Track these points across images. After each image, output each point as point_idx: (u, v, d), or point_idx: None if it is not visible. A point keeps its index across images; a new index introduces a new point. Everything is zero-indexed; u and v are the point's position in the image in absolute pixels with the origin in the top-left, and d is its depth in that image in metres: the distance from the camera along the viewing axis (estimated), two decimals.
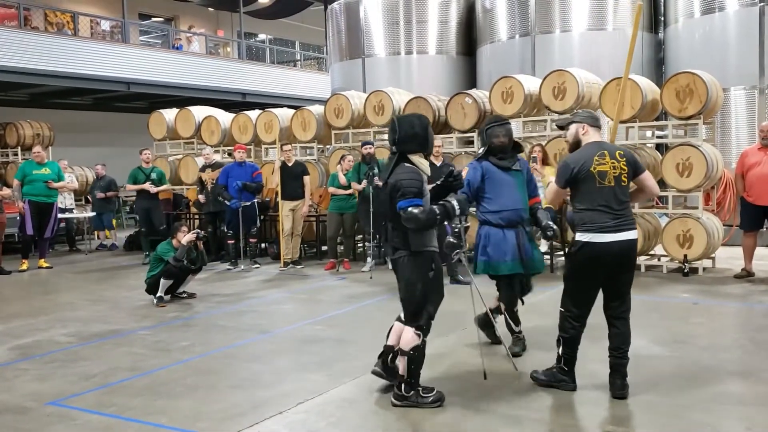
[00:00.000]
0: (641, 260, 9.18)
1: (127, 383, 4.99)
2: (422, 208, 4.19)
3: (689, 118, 8.81)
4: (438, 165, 8.17)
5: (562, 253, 9.42)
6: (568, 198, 9.47)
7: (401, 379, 4.34)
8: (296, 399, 4.53)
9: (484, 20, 14.53)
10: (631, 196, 4.47)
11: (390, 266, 9.49)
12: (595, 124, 4.50)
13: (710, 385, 4.60)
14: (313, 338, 6.16)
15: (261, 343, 6.07)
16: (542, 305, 6.50)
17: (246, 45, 24.10)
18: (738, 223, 8.89)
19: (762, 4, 11.17)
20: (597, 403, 4.33)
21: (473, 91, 10.63)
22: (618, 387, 4.36)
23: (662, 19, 13.37)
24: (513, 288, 5.35)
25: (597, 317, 4.53)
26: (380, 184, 9.02)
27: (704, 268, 8.84)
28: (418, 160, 4.41)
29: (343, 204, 9.97)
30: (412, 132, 4.37)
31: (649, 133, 10.29)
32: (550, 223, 5.30)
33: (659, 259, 9.36)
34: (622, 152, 4.39)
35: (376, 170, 9.65)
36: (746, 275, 8.37)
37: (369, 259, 9.79)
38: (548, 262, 9.34)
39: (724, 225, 9.49)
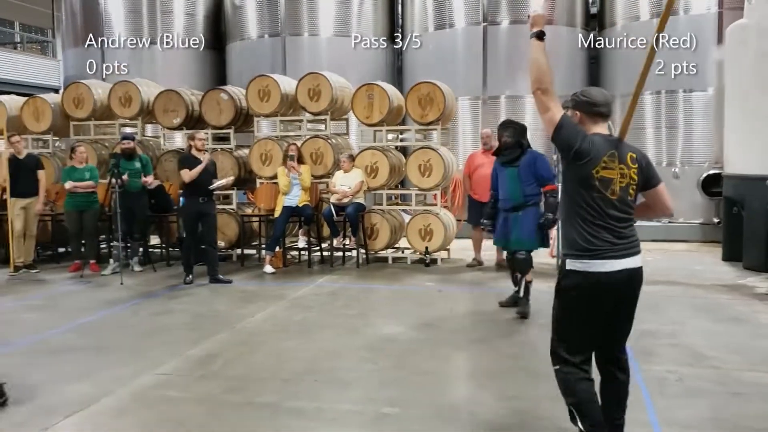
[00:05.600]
0: (389, 252, 9.92)
1: None
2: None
3: (430, 123, 9.71)
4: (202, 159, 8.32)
5: (317, 248, 9.80)
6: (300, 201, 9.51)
7: None
8: (62, 412, 4.16)
9: (233, 16, 14.41)
10: (636, 211, 3.36)
11: (135, 269, 9.06)
12: (591, 110, 3.33)
13: (462, 361, 5.19)
14: (67, 347, 5.67)
15: (3, 357, 5.42)
16: (304, 299, 6.73)
17: None
18: (466, 218, 10.00)
19: (485, 23, 12.67)
20: None
21: (229, 88, 10.52)
22: None
23: (401, 31, 14.43)
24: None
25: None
26: (122, 180, 8.62)
27: (442, 259, 9.80)
28: None
29: (82, 201, 9.23)
30: None
31: (392, 136, 11.09)
32: (549, 214, 6.57)
33: (403, 252, 10.17)
34: (635, 155, 3.30)
35: (137, 165, 9.14)
36: (477, 264, 9.47)
37: (111, 261, 9.17)
38: (305, 257, 9.67)
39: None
